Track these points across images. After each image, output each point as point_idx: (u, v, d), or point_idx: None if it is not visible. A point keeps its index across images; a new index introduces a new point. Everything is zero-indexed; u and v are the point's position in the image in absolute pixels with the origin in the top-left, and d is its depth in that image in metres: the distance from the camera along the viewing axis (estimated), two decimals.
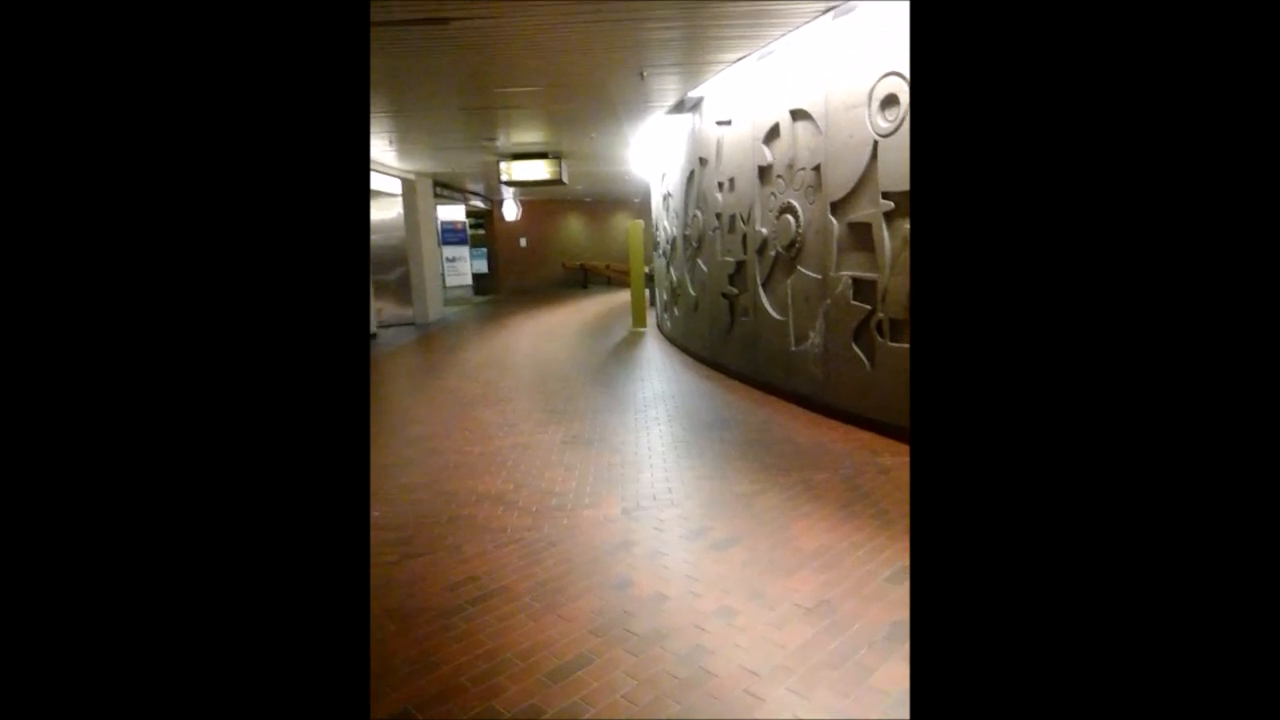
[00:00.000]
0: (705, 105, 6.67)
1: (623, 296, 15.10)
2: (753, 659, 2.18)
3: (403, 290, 12.35)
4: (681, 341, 8.41)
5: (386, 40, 4.50)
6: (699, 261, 7.33)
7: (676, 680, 2.10)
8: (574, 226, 19.94)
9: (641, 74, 5.65)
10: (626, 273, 14.58)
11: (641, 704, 2.00)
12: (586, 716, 1.95)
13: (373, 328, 10.83)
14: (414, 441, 4.92)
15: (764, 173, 5.58)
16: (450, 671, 2.19)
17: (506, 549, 3.09)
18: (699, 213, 7.23)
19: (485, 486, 3.91)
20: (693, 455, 4.35)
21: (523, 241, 19.46)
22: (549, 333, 10.64)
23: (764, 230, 5.62)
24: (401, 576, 2.86)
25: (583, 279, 19.25)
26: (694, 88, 6.37)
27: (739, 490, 3.69)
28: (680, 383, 6.61)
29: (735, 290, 6.29)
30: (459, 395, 6.45)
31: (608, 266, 18.72)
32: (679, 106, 7.03)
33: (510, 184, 10.47)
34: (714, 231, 6.71)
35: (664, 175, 9.17)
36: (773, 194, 5.47)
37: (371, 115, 7.03)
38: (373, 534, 3.29)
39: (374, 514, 3.56)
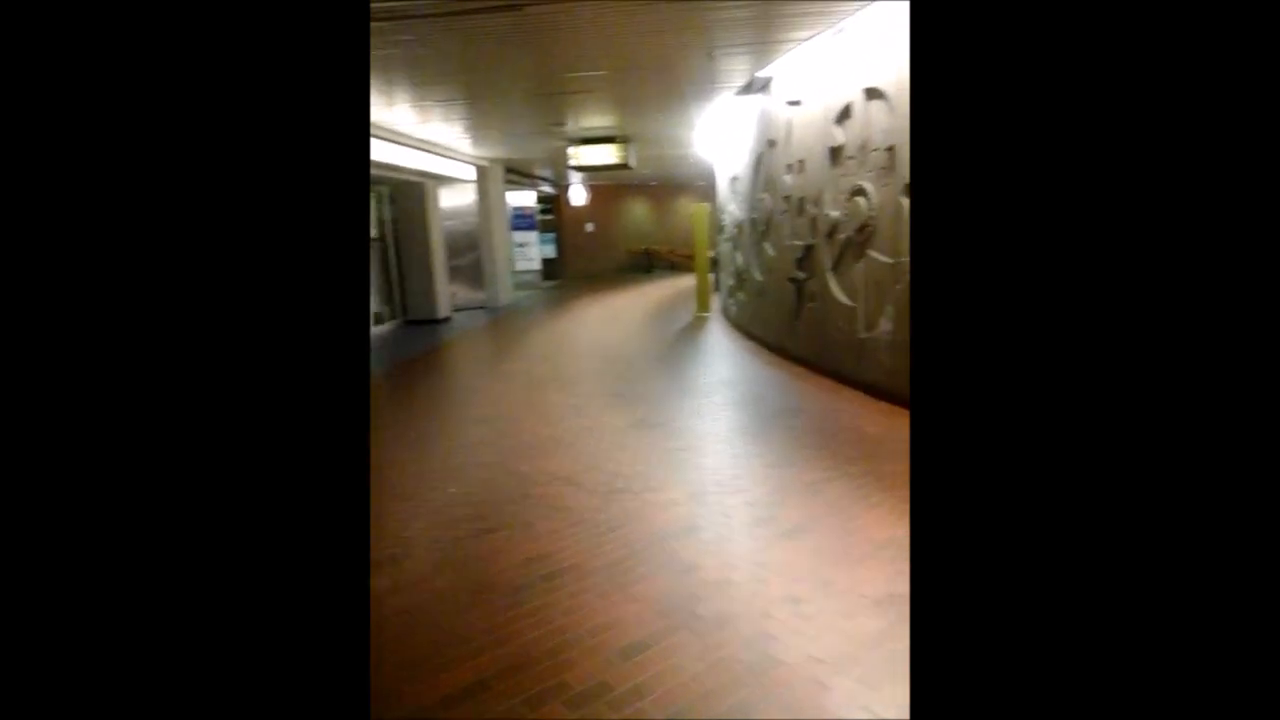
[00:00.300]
0: (775, 85, 6.54)
1: (687, 281, 15.06)
2: (820, 647, 2.18)
3: (475, 275, 12.68)
4: (747, 327, 8.33)
5: (462, 29, 4.60)
6: (765, 245, 7.23)
7: (743, 665, 2.12)
8: (639, 211, 19.95)
9: (710, 54, 5.58)
10: (690, 257, 14.51)
11: (708, 687, 2.02)
12: (653, 695, 1.99)
13: (446, 311, 11.16)
14: (485, 421, 5.07)
15: (835, 154, 5.44)
16: (522, 645, 2.27)
17: (575, 528, 3.16)
18: (766, 196, 7.12)
19: (554, 467, 4.01)
20: (759, 442, 4.33)
21: (589, 227, 19.62)
22: (614, 317, 10.72)
23: (834, 213, 5.49)
24: (475, 551, 2.97)
25: (647, 264, 19.27)
26: (763, 67, 6.25)
27: (807, 479, 3.65)
28: (745, 369, 6.56)
29: (803, 275, 6.18)
30: (528, 377, 6.60)
31: (672, 251, 18.69)
32: (748, 87, 6.91)
33: (578, 169, 10.56)
34: (782, 215, 6.60)
35: (730, 158, 9.06)
36: (843, 176, 5.33)
37: (447, 103, 7.21)
38: (448, 509, 3.43)
39: (450, 490, 3.70)
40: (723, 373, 6.42)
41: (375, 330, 9.69)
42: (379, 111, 7.38)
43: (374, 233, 10.04)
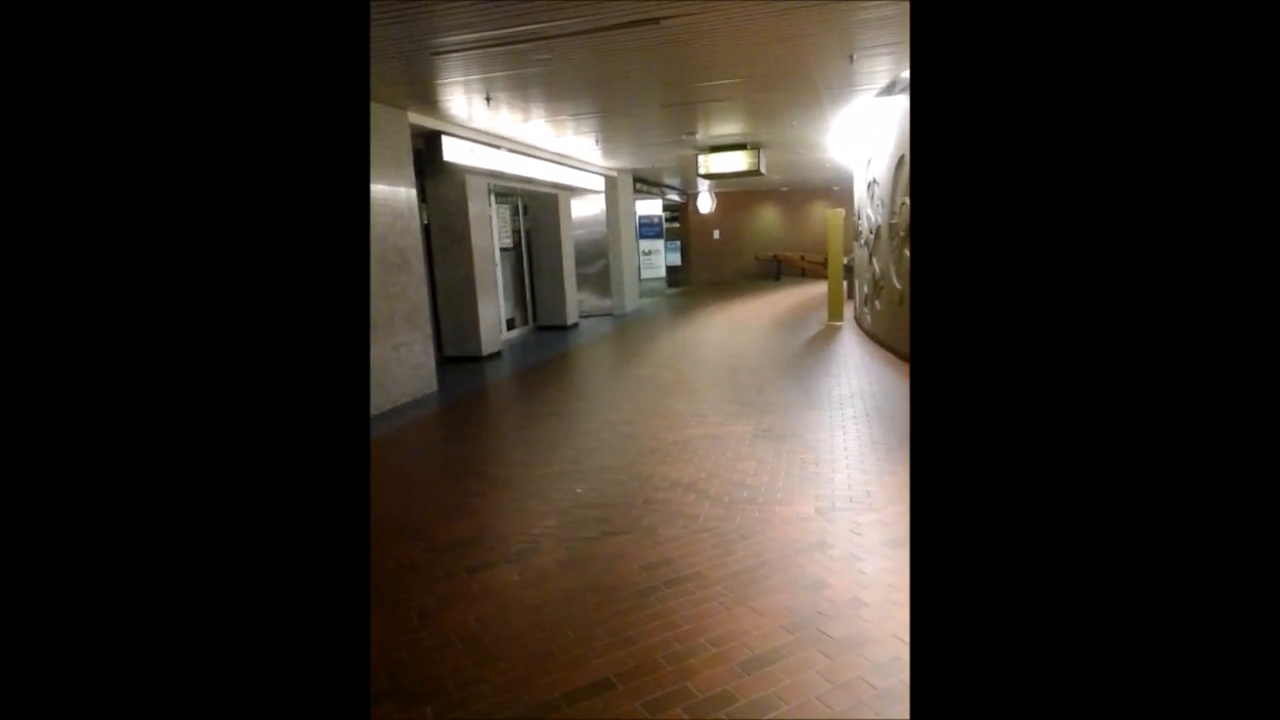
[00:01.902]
0: None
1: (817, 289, 14.63)
2: None
3: (602, 283, 13.04)
4: (883, 337, 7.96)
5: (599, 46, 4.75)
6: (906, 252, 6.88)
7: (874, 690, 2.01)
8: (768, 217, 19.65)
9: (850, 57, 5.40)
10: (822, 264, 14.09)
11: (836, 709, 1.94)
12: (776, 711, 1.94)
13: (574, 318, 11.54)
14: (611, 426, 5.18)
15: None
16: (646, 648, 2.29)
17: (699, 536, 3.15)
18: (908, 200, 6.77)
19: (678, 474, 4.02)
20: (893, 459, 4.12)
21: (716, 234, 19.58)
22: (741, 325, 10.62)
23: None
24: (601, 552, 3.04)
25: (775, 271, 18.92)
26: (907, 68, 5.96)
27: None
28: (880, 381, 6.27)
29: None
30: (653, 383, 6.67)
31: (802, 258, 18.22)
32: (889, 89, 6.62)
33: (707, 176, 10.57)
34: None
35: (869, 161, 8.72)
36: None
37: (580, 117, 7.48)
38: (575, 510, 3.53)
39: (577, 490, 3.81)
40: (855, 384, 6.17)
41: (507, 335, 10.18)
42: (514, 127, 7.77)
43: (509, 242, 10.57)
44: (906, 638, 2.26)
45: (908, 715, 1.90)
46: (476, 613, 2.58)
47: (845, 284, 10.77)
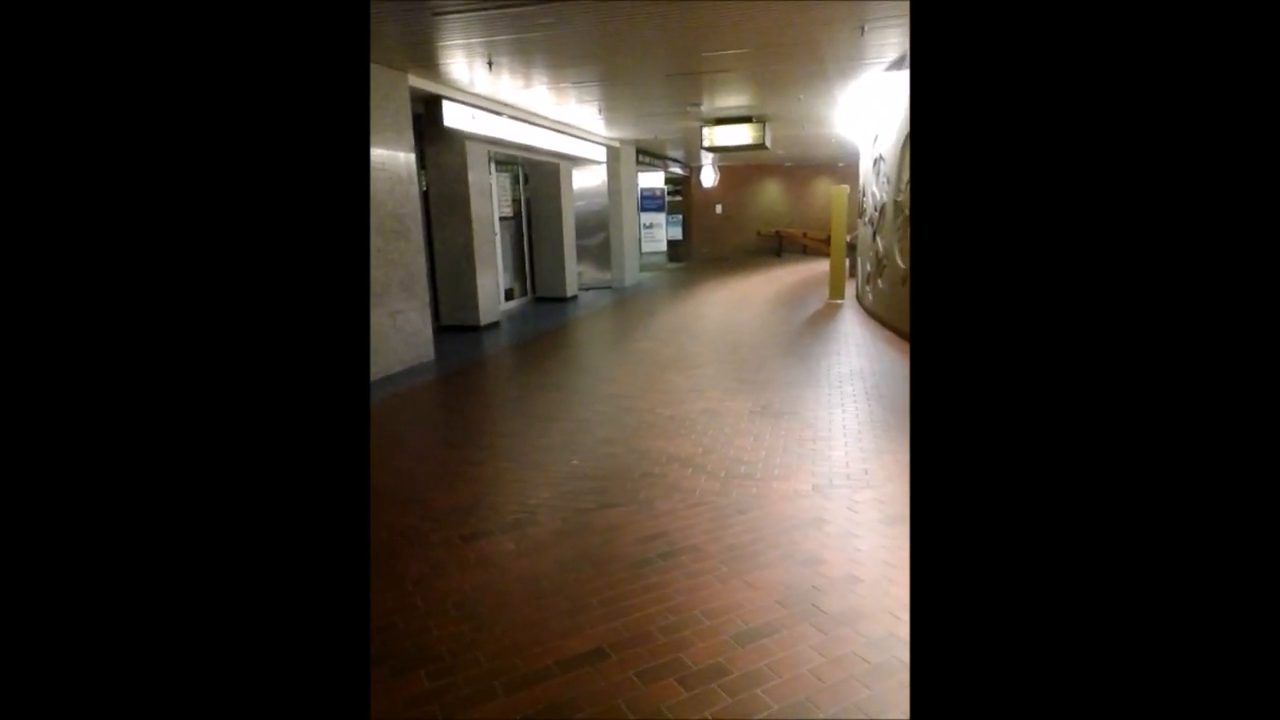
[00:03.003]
0: None
1: (819, 266, 14.55)
2: None
3: (602, 255, 12.94)
4: (884, 316, 7.93)
5: (600, 11, 4.63)
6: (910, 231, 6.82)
7: (868, 665, 2.01)
8: (771, 193, 19.47)
9: (861, 28, 5.28)
10: (825, 241, 13.99)
11: (829, 682, 1.95)
12: (769, 684, 1.94)
13: (574, 290, 11.47)
14: (609, 399, 5.16)
15: None
16: (640, 619, 2.29)
17: (696, 510, 3.15)
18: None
19: (675, 448, 4.01)
20: (891, 438, 4.11)
21: (718, 208, 19.42)
22: (741, 301, 10.57)
23: None
24: (596, 524, 3.03)
25: (777, 247, 18.80)
26: None
27: None
28: (881, 360, 6.25)
29: None
30: (651, 358, 6.65)
31: (805, 234, 18.10)
32: (899, 63, 6.50)
33: (711, 149, 10.44)
34: None
35: (876, 137, 8.60)
36: None
37: (583, 85, 7.34)
38: (571, 481, 3.53)
39: (574, 462, 3.80)
40: (855, 363, 6.15)
41: (506, 306, 10.12)
42: (516, 93, 7.64)
43: (509, 211, 10.45)
44: (900, 614, 2.26)
45: (899, 692, 1.90)
46: (471, 580, 2.58)
47: (848, 262, 10.69)
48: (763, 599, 2.39)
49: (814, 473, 3.57)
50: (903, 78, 6.88)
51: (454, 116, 7.22)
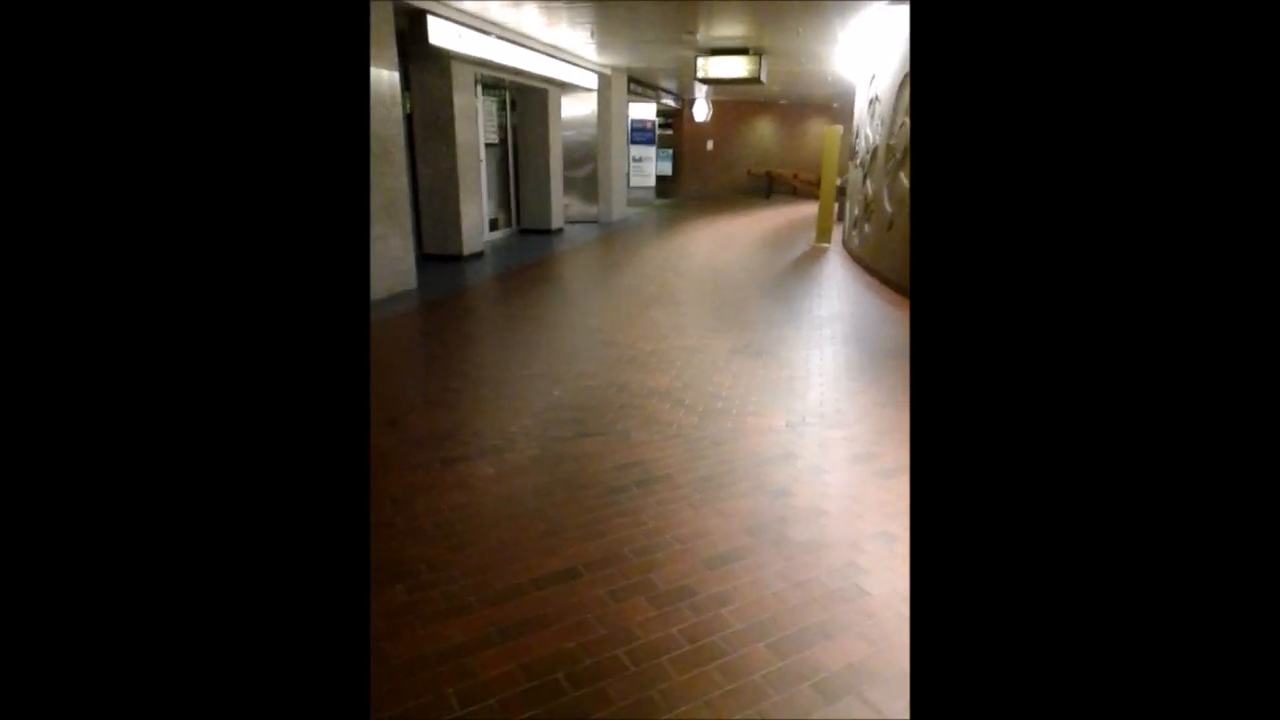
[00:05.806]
0: None
1: (807, 209, 14.42)
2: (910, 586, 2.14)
3: (589, 188, 12.68)
4: (869, 261, 7.93)
5: None
6: (901, 175, 6.76)
7: (828, 590, 2.12)
8: (764, 131, 19.06)
9: None
10: (815, 184, 13.84)
11: (790, 605, 2.05)
12: (734, 605, 2.04)
13: (559, 223, 11.29)
14: (591, 333, 5.18)
15: None
16: (613, 541, 2.37)
17: (672, 441, 3.22)
18: (908, 121, 6.58)
19: (655, 382, 4.06)
20: (866, 380, 4.19)
21: (710, 144, 19.01)
22: (727, 240, 10.49)
23: None
24: (574, 452, 3.09)
25: (766, 188, 18.54)
26: None
27: None
28: (861, 304, 6.29)
29: None
30: (635, 294, 6.64)
31: (795, 176, 17.84)
32: None
33: (705, 81, 10.14)
34: None
35: (873, 77, 8.40)
36: None
37: (576, 5, 7.04)
38: (551, 412, 3.57)
39: (554, 393, 3.84)
40: (836, 306, 6.19)
41: (490, 236, 9.95)
42: (505, 12, 7.32)
43: (495, 138, 10.15)
44: (865, 546, 2.36)
45: (855, 616, 2.01)
46: (449, 502, 2.64)
47: (836, 206, 10.60)
48: (732, 527, 2.48)
49: (789, 410, 3.65)
50: (904, 14, 6.67)
51: (440, 34, 6.92)
